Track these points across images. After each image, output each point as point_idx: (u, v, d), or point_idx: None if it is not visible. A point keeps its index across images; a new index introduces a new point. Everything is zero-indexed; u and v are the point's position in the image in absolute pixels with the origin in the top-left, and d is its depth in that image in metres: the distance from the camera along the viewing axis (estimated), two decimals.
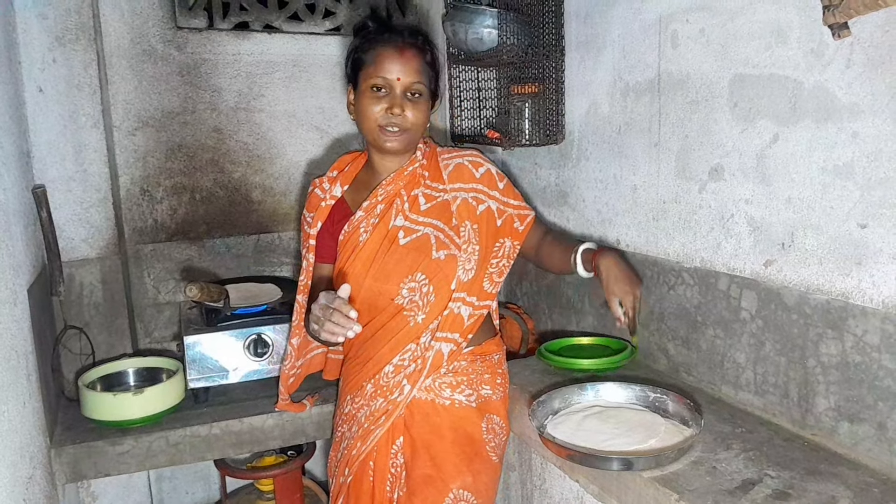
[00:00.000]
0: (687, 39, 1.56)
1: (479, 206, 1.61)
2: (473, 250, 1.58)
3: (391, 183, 1.59)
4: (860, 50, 1.19)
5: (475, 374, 1.60)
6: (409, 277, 1.54)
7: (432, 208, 1.59)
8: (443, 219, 1.58)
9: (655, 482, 1.22)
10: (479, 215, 1.61)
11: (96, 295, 2.11)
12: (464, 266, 1.56)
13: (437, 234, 1.57)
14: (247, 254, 2.37)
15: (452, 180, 1.62)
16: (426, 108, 1.57)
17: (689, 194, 1.60)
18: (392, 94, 1.52)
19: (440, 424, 1.54)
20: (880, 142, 1.18)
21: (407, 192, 1.60)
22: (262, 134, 2.34)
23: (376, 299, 1.57)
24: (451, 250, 1.56)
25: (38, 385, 1.59)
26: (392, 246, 1.55)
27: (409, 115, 1.52)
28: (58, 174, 2.02)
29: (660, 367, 1.77)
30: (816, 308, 1.32)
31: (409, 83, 1.52)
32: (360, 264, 1.56)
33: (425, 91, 1.55)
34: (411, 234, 1.56)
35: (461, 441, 1.54)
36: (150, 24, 2.15)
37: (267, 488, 2.21)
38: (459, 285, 1.56)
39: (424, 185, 1.61)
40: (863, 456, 1.26)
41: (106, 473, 1.73)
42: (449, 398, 1.56)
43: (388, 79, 1.51)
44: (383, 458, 1.53)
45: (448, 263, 1.55)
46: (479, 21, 1.95)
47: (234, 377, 1.89)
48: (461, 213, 1.59)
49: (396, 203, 1.58)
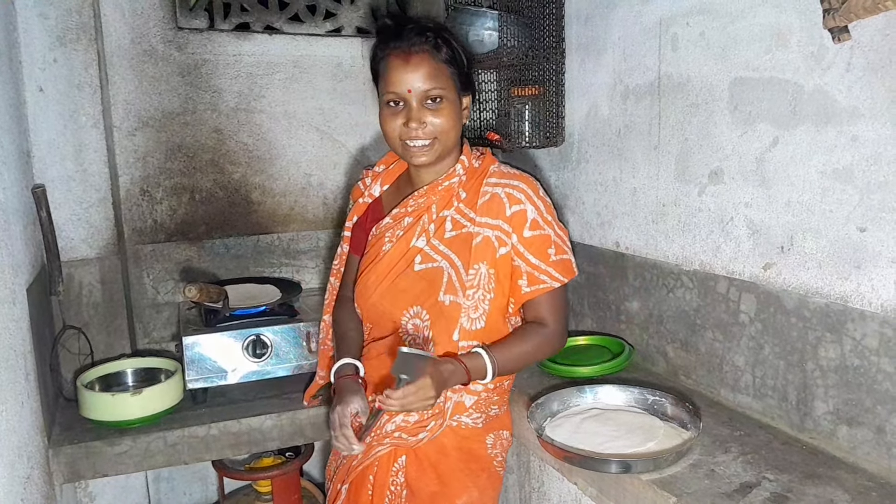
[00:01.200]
0: (687, 42, 1.56)
1: (500, 248, 1.44)
2: (483, 297, 1.44)
3: (423, 196, 1.49)
4: (860, 54, 1.19)
5: (485, 403, 1.53)
6: (414, 310, 1.46)
7: (455, 239, 1.46)
8: (461, 255, 1.44)
9: (654, 485, 1.22)
10: (498, 258, 1.44)
11: (95, 295, 2.10)
12: (468, 314, 1.43)
13: (450, 272, 1.44)
14: (246, 255, 2.37)
15: (482, 213, 1.45)
16: (452, 109, 1.42)
17: (689, 197, 1.60)
18: (408, 106, 1.39)
19: (446, 444, 1.50)
20: (880, 146, 1.18)
21: (437, 210, 1.48)
22: (262, 135, 2.34)
23: (380, 318, 1.53)
24: (458, 297, 1.43)
25: (36, 385, 1.59)
26: (407, 268, 1.47)
27: (430, 126, 1.40)
28: (57, 174, 2.02)
29: (658, 369, 1.77)
30: (815, 311, 1.32)
31: (423, 92, 1.38)
32: (374, 276, 1.51)
33: (447, 92, 1.41)
34: (428, 261, 1.46)
35: (466, 458, 1.50)
36: (151, 24, 2.16)
37: (265, 489, 2.21)
38: (466, 334, 1.44)
39: (456, 209, 1.47)
40: (861, 460, 1.26)
41: (104, 474, 1.73)
42: (456, 420, 1.50)
43: (399, 93, 1.39)
44: (383, 475, 1.49)
45: (452, 310, 1.43)
46: (479, 23, 1.95)
47: (232, 378, 1.89)
48: (478, 252, 1.43)
49: (423, 220, 1.48)
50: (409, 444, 1.48)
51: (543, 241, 1.46)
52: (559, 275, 1.47)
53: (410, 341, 1.46)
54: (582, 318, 2.06)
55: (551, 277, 1.46)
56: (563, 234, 1.51)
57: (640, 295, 1.80)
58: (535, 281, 1.46)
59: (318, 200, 2.46)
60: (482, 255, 1.44)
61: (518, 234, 1.44)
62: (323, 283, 2.48)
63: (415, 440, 1.47)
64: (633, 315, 1.84)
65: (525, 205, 1.45)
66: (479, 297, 1.45)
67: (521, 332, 1.51)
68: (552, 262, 1.46)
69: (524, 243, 1.45)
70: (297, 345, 1.94)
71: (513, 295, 1.49)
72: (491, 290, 1.46)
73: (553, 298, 1.49)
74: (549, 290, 1.46)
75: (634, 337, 1.85)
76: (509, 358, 1.44)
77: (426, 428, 1.47)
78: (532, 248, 1.45)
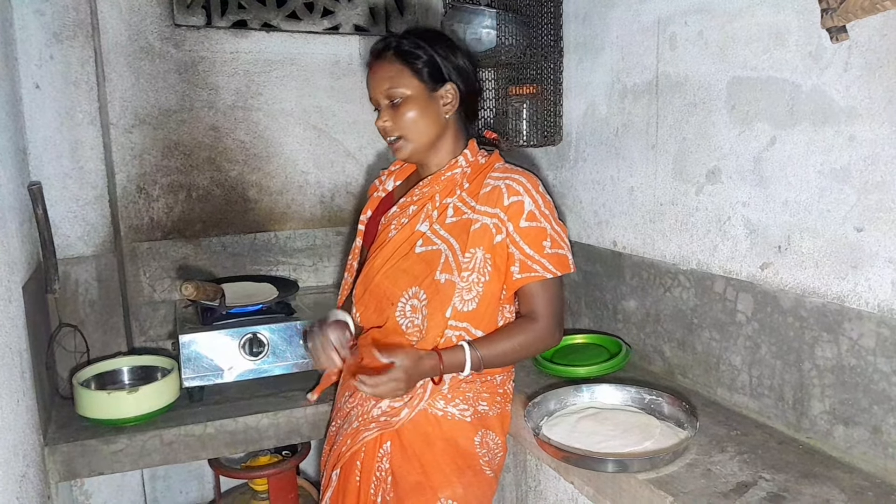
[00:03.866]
0: (685, 41, 1.56)
1: (497, 235, 1.48)
2: (477, 280, 1.48)
3: (427, 185, 1.57)
4: (858, 53, 1.19)
5: (473, 393, 1.55)
6: (413, 291, 1.51)
7: (455, 224, 1.52)
8: (459, 240, 1.50)
9: (650, 484, 1.22)
10: (495, 245, 1.48)
11: (91, 293, 2.10)
12: (461, 295, 1.47)
13: (448, 254, 1.50)
14: (243, 253, 2.36)
15: (483, 202, 1.50)
16: (416, 104, 1.50)
17: (687, 196, 1.60)
18: (381, 108, 1.53)
19: (431, 434, 1.51)
20: (877, 146, 1.18)
21: (441, 198, 1.55)
22: (259, 133, 2.34)
23: (381, 301, 1.56)
24: (453, 276, 1.48)
25: (32, 383, 1.59)
26: (409, 251, 1.54)
27: (393, 123, 1.51)
28: (54, 171, 2.01)
29: (655, 369, 1.77)
30: (812, 311, 1.32)
31: (382, 93, 1.51)
32: (379, 259, 1.57)
33: (409, 91, 1.49)
34: (428, 244, 1.53)
35: (452, 452, 1.51)
36: (148, 21, 2.15)
37: (261, 488, 2.20)
38: (458, 315, 1.48)
39: (459, 198, 1.54)
40: (857, 459, 1.27)
41: (99, 472, 1.72)
42: (442, 410, 1.51)
43: (373, 99, 1.54)
44: (370, 460, 1.52)
45: (446, 288, 1.47)
46: (477, 21, 1.95)
47: (229, 376, 1.88)
48: (476, 238, 1.48)
49: (427, 207, 1.55)
50: (393, 426, 1.51)
51: (539, 233, 1.48)
52: (553, 267, 1.48)
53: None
54: (579, 317, 2.06)
55: (543, 268, 1.48)
56: (561, 230, 1.53)
57: (637, 294, 1.80)
58: (527, 269, 1.48)
59: (315, 199, 2.46)
60: (479, 240, 1.48)
61: (514, 223, 1.48)
62: (319, 281, 2.48)
63: (398, 420, 1.50)
64: (631, 314, 1.84)
65: (523, 196, 1.48)
66: (474, 280, 1.48)
67: (508, 327, 1.53)
68: (546, 254, 1.48)
69: (520, 233, 1.48)
70: (293, 343, 1.94)
71: (506, 281, 1.51)
72: (486, 274, 1.48)
73: (546, 291, 1.50)
74: (540, 279, 1.48)
75: (631, 336, 1.85)
76: (494, 353, 1.47)
77: (407, 404, 1.51)
78: (527, 239, 1.48)
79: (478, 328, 1.50)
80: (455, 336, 1.49)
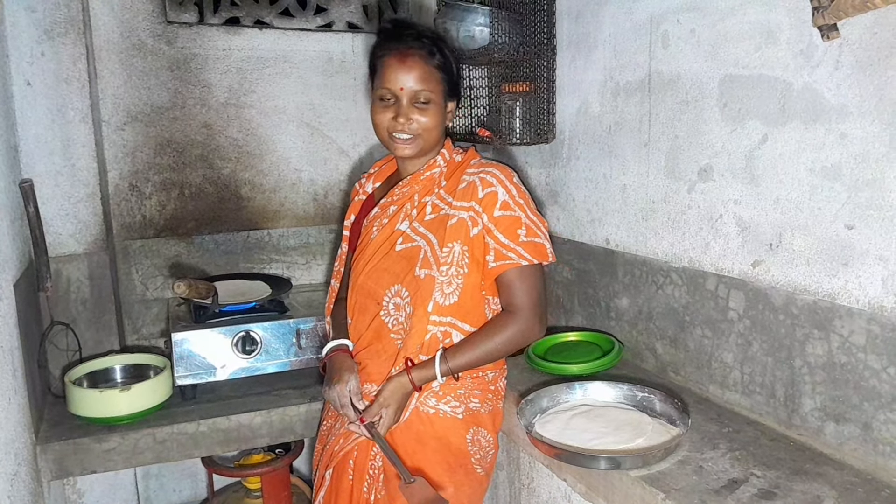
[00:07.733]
0: (678, 40, 1.56)
1: (473, 227, 1.50)
2: (457, 273, 1.49)
3: (407, 185, 1.59)
4: (849, 52, 1.20)
5: (464, 390, 1.55)
6: (395, 289, 1.52)
7: (433, 221, 1.54)
8: (437, 235, 1.51)
9: (642, 481, 1.22)
10: (472, 238, 1.50)
11: (83, 291, 2.09)
12: (442, 289, 1.48)
13: (426, 250, 1.51)
14: (236, 251, 2.36)
15: (459, 197, 1.52)
16: (436, 111, 1.52)
17: (679, 194, 1.61)
18: (398, 103, 1.49)
19: (423, 433, 1.51)
20: (867, 143, 1.19)
21: (419, 197, 1.57)
22: (252, 130, 2.33)
23: (366, 301, 1.57)
24: (432, 271, 1.49)
25: (23, 381, 1.58)
26: (390, 250, 1.56)
27: (415, 124, 1.50)
28: (45, 169, 2.00)
29: (647, 366, 1.78)
30: (803, 308, 1.33)
31: (414, 92, 1.48)
32: (362, 260, 1.59)
33: (435, 96, 1.50)
34: (408, 242, 1.54)
35: (443, 450, 1.52)
36: (140, 18, 2.14)
37: (254, 486, 2.20)
38: (440, 309, 1.49)
39: (437, 195, 1.56)
40: (848, 456, 1.27)
41: (92, 470, 1.72)
42: (434, 407, 1.52)
43: (392, 89, 1.49)
44: (363, 459, 1.52)
45: (426, 283, 1.49)
46: (470, 19, 1.95)
47: (221, 374, 1.88)
48: (453, 232, 1.50)
49: (406, 207, 1.57)
50: None
51: (513, 222, 1.49)
52: (528, 254, 1.48)
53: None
54: (572, 315, 2.06)
55: (519, 255, 1.48)
56: (537, 220, 1.54)
57: (629, 292, 1.81)
58: (502, 257, 1.48)
59: (309, 196, 2.45)
60: (456, 234, 1.50)
61: (488, 213, 1.49)
62: (312, 279, 2.48)
63: None
64: (623, 312, 1.84)
65: (497, 188, 1.50)
66: (453, 273, 1.49)
67: (487, 325, 1.53)
68: (521, 241, 1.49)
69: (494, 222, 1.49)
70: (286, 341, 1.93)
71: (483, 271, 1.52)
72: (465, 267, 1.50)
73: (523, 281, 1.49)
74: (515, 265, 1.48)
75: (624, 333, 1.85)
76: (471, 357, 1.49)
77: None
78: (501, 227, 1.49)
79: (464, 321, 1.51)
80: (441, 332, 1.50)
